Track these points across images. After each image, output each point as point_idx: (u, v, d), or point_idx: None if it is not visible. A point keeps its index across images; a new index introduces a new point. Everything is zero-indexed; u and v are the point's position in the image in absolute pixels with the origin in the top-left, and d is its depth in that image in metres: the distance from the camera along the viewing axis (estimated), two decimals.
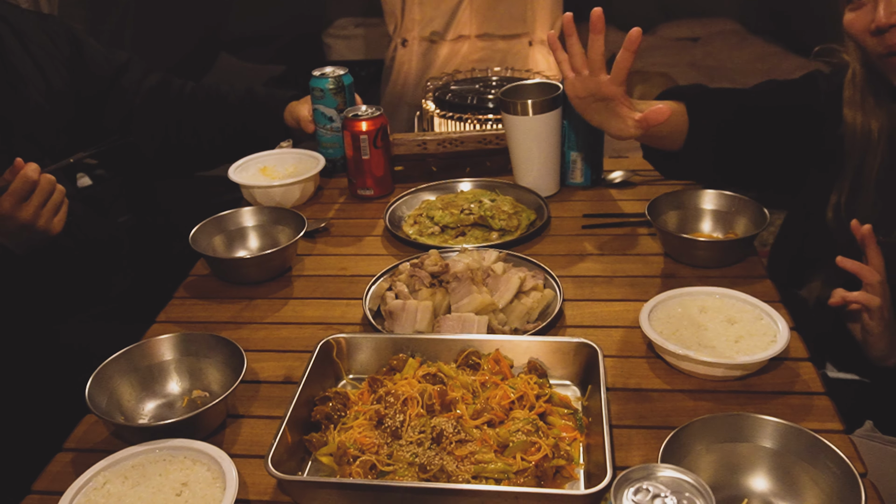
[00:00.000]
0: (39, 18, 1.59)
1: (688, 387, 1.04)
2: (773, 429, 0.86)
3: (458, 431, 0.90)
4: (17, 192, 1.21)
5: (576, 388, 1.03)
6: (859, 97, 1.25)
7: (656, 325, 1.09)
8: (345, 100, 1.64)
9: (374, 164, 1.60)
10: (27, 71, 1.49)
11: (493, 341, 1.06)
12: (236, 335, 1.19)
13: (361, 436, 0.92)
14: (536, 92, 1.54)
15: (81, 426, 1.04)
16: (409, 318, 1.16)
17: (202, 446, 0.92)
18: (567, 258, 1.37)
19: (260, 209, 1.47)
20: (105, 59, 1.64)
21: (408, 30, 3.78)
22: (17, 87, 1.46)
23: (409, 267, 1.26)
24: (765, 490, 0.86)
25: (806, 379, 1.03)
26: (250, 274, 1.35)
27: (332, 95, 1.62)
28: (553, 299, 1.21)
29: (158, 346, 1.08)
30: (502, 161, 1.68)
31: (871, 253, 1.09)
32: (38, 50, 1.52)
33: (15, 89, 1.46)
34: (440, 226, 1.46)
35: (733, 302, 1.12)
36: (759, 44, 4.45)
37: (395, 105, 3.84)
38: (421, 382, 0.98)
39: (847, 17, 1.19)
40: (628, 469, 0.71)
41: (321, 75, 1.62)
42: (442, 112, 2.30)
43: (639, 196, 1.57)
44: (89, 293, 1.60)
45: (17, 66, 1.47)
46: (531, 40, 3.69)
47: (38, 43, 1.53)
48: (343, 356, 1.06)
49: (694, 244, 1.30)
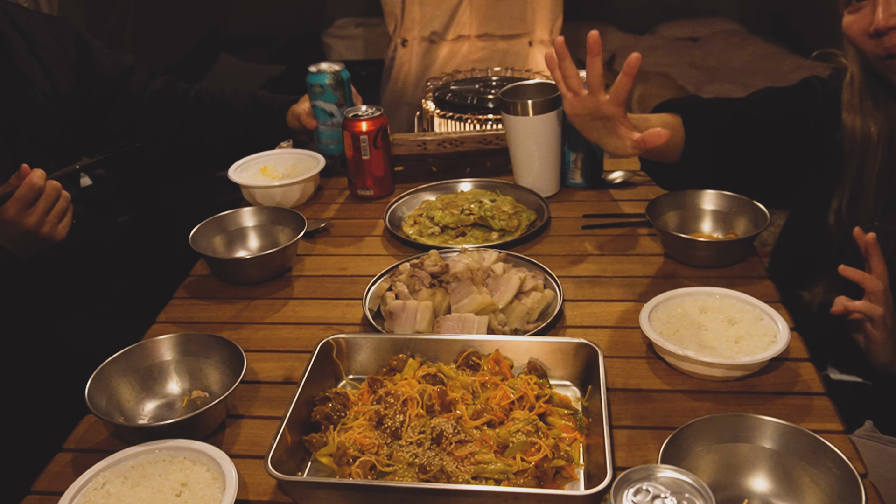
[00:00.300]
0: (47, 20, 1.59)
1: (688, 387, 1.04)
2: (774, 429, 0.86)
3: (458, 432, 0.90)
4: (23, 198, 1.21)
5: (576, 388, 1.03)
6: (858, 100, 1.25)
7: (656, 325, 1.09)
8: (344, 94, 1.63)
9: (374, 165, 1.60)
10: (33, 73, 1.49)
11: (493, 342, 1.06)
12: (236, 335, 1.19)
13: (361, 436, 0.92)
14: (536, 92, 1.54)
15: (81, 426, 1.04)
16: (409, 319, 1.16)
17: (202, 447, 0.92)
18: (567, 258, 1.37)
19: (260, 209, 1.47)
20: (112, 63, 1.63)
21: (408, 30, 3.78)
22: (24, 88, 1.46)
23: (409, 267, 1.26)
24: (765, 490, 0.86)
25: (806, 379, 1.03)
26: (250, 274, 1.35)
27: (332, 90, 1.61)
28: (553, 300, 1.21)
29: (158, 346, 1.08)
30: (502, 161, 1.68)
31: (874, 261, 1.09)
32: (44, 52, 1.52)
33: (21, 91, 1.46)
34: (440, 226, 1.46)
35: (733, 302, 1.12)
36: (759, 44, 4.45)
37: (395, 105, 3.84)
38: (421, 383, 0.98)
39: (846, 20, 1.19)
40: (628, 470, 0.71)
41: (318, 71, 1.61)
42: (442, 112, 2.30)
43: (639, 196, 1.57)
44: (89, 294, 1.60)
45: (24, 68, 1.47)
46: (531, 40, 3.69)
47: (45, 45, 1.53)
48: (343, 356, 1.06)
49: (694, 244, 1.30)
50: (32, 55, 1.50)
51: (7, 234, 1.25)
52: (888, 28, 1.11)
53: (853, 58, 1.25)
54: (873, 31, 1.13)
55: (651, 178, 1.51)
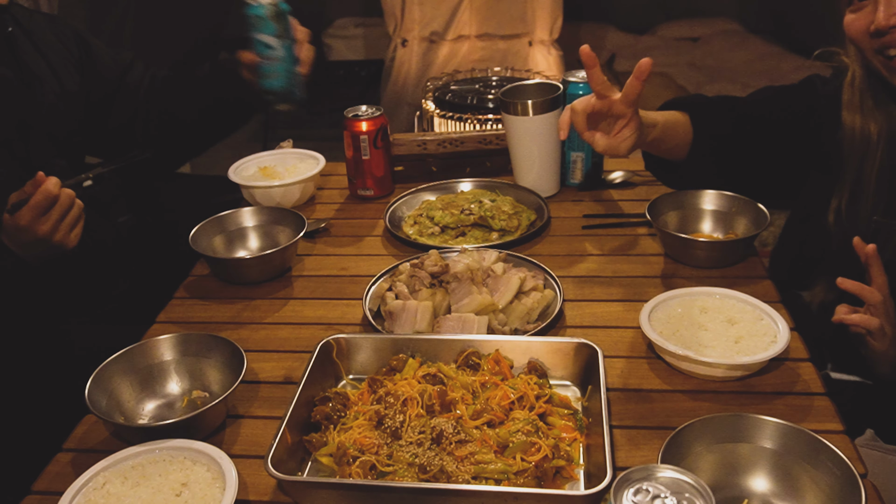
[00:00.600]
0: (48, 20, 1.59)
1: (688, 387, 1.04)
2: (774, 429, 0.86)
3: (458, 432, 0.90)
4: (38, 205, 1.22)
5: (576, 388, 1.03)
6: (858, 99, 1.25)
7: (656, 325, 1.09)
8: (284, 27, 1.52)
9: (374, 165, 1.60)
10: (41, 72, 1.49)
11: (493, 342, 1.06)
12: (236, 335, 1.19)
13: (361, 436, 0.92)
14: (536, 92, 1.54)
15: (81, 426, 1.04)
16: (409, 319, 1.16)
17: (202, 446, 0.92)
18: (567, 258, 1.37)
19: (260, 209, 1.47)
20: (112, 61, 1.63)
21: (408, 30, 3.78)
22: (33, 86, 1.47)
23: (409, 267, 1.26)
24: (765, 490, 0.86)
25: (806, 379, 1.03)
26: (250, 274, 1.35)
27: (271, 21, 1.50)
28: (553, 300, 1.21)
29: (158, 346, 1.08)
30: (502, 161, 1.68)
31: (874, 271, 1.09)
32: (49, 51, 1.52)
33: (31, 89, 1.46)
34: (440, 226, 1.46)
35: (733, 302, 1.12)
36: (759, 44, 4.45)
37: (395, 105, 3.84)
38: (421, 383, 0.98)
39: (847, 19, 1.19)
40: (628, 469, 0.71)
41: (256, 3, 1.50)
42: (442, 112, 2.30)
43: (639, 196, 1.57)
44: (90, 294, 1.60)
45: (32, 66, 1.47)
46: (531, 40, 3.69)
47: (49, 44, 1.53)
48: (343, 356, 1.06)
49: (694, 244, 1.30)
50: (39, 54, 1.50)
51: (20, 240, 1.26)
52: (889, 27, 1.11)
53: (855, 57, 1.25)
54: (874, 30, 1.13)
55: (655, 176, 1.51)
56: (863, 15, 1.16)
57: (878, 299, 1.07)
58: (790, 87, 1.41)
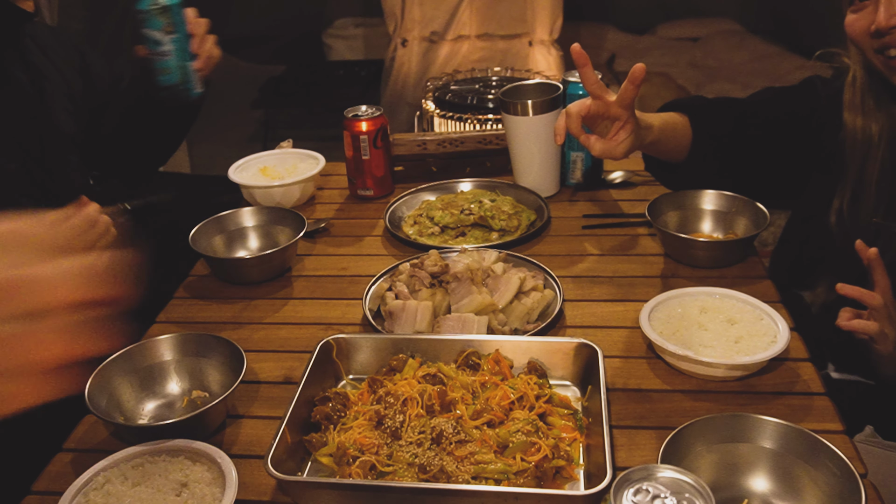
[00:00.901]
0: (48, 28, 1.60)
1: (688, 387, 1.04)
2: (773, 429, 0.86)
3: (458, 432, 0.90)
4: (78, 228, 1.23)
5: (576, 388, 1.03)
6: (859, 100, 1.25)
7: (656, 325, 1.09)
8: (171, 21, 1.43)
9: (374, 165, 1.60)
10: (50, 73, 1.49)
11: (493, 342, 1.06)
12: (236, 335, 1.19)
13: (361, 436, 0.92)
14: (536, 92, 1.54)
15: (81, 426, 1.04)
16: (409, 319, 1.16)
17: (202, 446, 0.92)
18: (567, 258, 1.37)
19: (260, 209, 1.47)
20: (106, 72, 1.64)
21: (408, 30, 3.78)
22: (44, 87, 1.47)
23: (409, 267, 1.26)
24: (765, 490, 0.86)
25: (806, 379, 1.03)
26: (250, 274, 1.35)
27: (156, 16, 1.42)
28: (553, 300, 1.21)
29: (158, 346, 1.08)
30: (502, 161, 1.68)
31: (877, 275, 1.09)
32: (55, 56, 1.53)
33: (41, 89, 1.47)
34: (440, 226, 1.46)
35: (733, 302, 1.12)
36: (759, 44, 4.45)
37: (395, 105, 3.84)
38: (421, 383, 0.98)
39: (848, 19, 1.19)
40: (628, 470, 0.71)
41: None
42: (442, 112, 2.30)
43: (639, 196, 1.57)
44: None
45: (41, 67, 1.48)
46: (531, 40, 3.69)
47: (54, 49, 1.54)
48: (343, 356, 1.06)
49: (694, 244, 1.30)
50: (45, 56, 1.51)
51: None
52: (889, 28, 1.11)
53: (856, 57, 1.25)
54: (874, 30, 1.13)
55: (655, 177, 1.51)
56: (864, 15, 1.16)
57: (879, 303, 1.07)
58: (791, 88, 1.41)
